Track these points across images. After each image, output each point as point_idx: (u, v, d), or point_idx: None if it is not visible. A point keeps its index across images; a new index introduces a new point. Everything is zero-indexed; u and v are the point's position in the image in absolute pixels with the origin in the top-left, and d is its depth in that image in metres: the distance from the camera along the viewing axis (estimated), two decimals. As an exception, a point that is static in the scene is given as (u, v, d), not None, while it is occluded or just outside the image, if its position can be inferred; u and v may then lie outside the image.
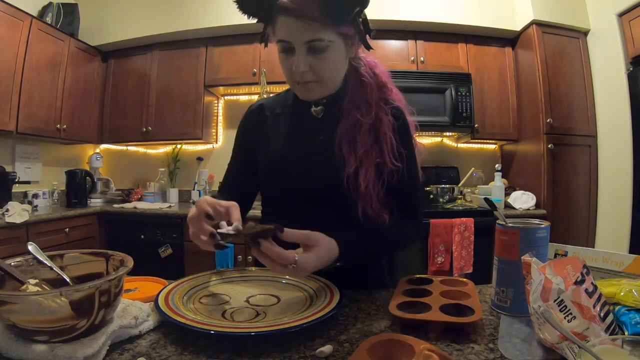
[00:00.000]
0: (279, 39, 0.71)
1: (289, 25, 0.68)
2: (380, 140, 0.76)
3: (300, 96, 0.79)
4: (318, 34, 0.68)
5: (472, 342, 0.53)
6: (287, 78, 0.76)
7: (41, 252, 0.59)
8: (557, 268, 0.51)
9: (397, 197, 0.80)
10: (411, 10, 2.61)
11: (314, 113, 0.82)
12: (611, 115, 2.38)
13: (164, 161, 3.17)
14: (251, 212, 0.98)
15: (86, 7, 2.90)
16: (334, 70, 0.75)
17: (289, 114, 0.85)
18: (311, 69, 0.71)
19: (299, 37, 0.68)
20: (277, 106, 0.87)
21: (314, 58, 0.70)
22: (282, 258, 0.58)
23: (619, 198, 2.28)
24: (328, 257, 0.64)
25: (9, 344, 0.46)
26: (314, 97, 0.78)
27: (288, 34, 0.69)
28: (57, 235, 2.30)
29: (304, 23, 0.67)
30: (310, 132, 0.81)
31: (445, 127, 2.62)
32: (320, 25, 0.67)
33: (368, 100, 0.78)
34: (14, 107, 2.27)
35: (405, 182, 0.79)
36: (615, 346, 0.39)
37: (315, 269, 0.63)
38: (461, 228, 2.21)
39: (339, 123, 0.78)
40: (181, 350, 0.51)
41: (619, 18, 2.25)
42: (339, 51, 0.72)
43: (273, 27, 0.72)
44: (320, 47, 0.69)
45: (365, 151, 0.75)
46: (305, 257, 0.60)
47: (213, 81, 2.84)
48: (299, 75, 0.72)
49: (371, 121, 0.76)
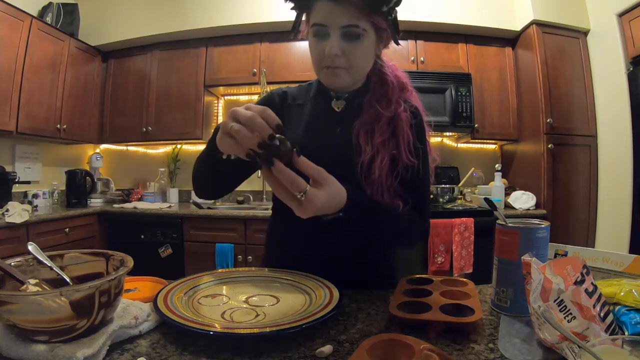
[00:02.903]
0: (315, 22, 0.73)
1: (327, 9, 0.70)
2: (398, 135, 0.77)
3: (325, 82, 0.80)
4: (355, 20, 0.70)
5: (472, 342, 0.53)
6: (316, 63, 0.77)
7: (41, 252, 0.59)
8: (557, 268, 0.51)
9: (410, 193, 0.79)
10: (411, 10, 2.60)
11: (335, 107, 0.83)
12: (611, 115, 2.38)
13: (164, 161, 3.17)
14: (250, 212, 0.98)
15: (86, 7, 2.90)
16: (363, 60, 0.77)
17: (310, 106, 0.86)
18: (343, 54, 0.73)
19: (336, 21, 0.71)
20: (300, 97, 0.88)
21: (347, 44, 0.72)
22: (294, 183, 0.54)
23: (619, 198, 2.28)
24: (336, 201, 0.62)
25: (9, 344, 0.46)
26: (340, 84, 0.79)
27: (325, 18, 0.71)
28: (57, 235, 2.30)
29: (343, 8, 0.69)
30: (330, 125, 0.82)
31: (445, 127, 2.62)
32: (358, 11, 0.70)
33: (389, 98, 0.80)
34: (14, 107, 2.27)
35: (419, 179, 0.80)
36: (615, 346, 0.39)
37: (322, 209, 0.59)
38: (461, 228, 2.21)
39: (357, 117, 0.80)
40: (181, 350, 0.51)
41: (619, 18, 2.25)
42: (370, 42, 0.75)
43: (309, 12, 0.75)
44: (355, 33, 0.71)
45: (382, 141, 0.76)
46: (316, 191, 0.57)
47: (213, 81, 2.84)
48: (330, 58, 0.73)
49: (390, 115, 0.78)
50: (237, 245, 2.39)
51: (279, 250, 0.91)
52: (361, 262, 0.83)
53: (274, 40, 2.76)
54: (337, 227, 0.79)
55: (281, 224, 0.91)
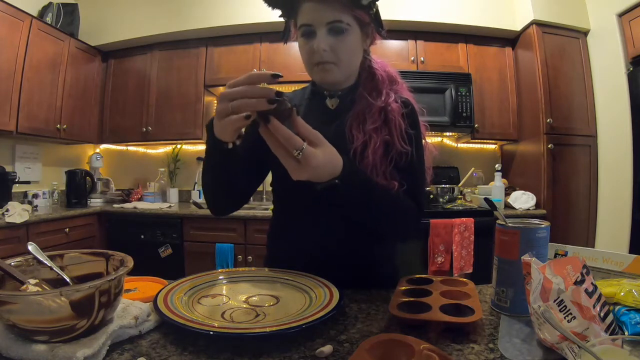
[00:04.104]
0: (302, 23, 0.77)
1: (312, 8, 0.75)
2: (389, 122, 0.80)
3: (317, 79, 0.83)
4: (338, 15, 0.75)
5: (472, 342, 0.53)
6: (307, 61, 0.80)
7: (41, 252, 0.59)
8: (557, 268, 0.51)
9: (404, 177, 0.79)
10: (411, 10, 2.61)
11: (329, 104, 0.86)
12: (611, 115, 2.39)
13: (164, 161, 3.17)
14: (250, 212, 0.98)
15: (86, 7, 2.90)
16: (351, 53, 0.79)
17: (306, 107, 0.88)
18: (331, 50, 0.76)
19: (321, 18, 0.75)
20: (295, 100, 0.90)
21: (334, 39, 0.76)
22: (290, 140, 0.55)
23: (619, 198, 2.28)
24: (332, 164, 0.62)
25: (9, 344, 0.46)
26: (331, 79, 0.81)
27: (311, 18, 0.75)
28: (57, 235, 2.30)
29: (327, 5, 0.74)
30: (325, 122, 0.83)
31: (445, 127, 2.62)
32: (341, 7, 0.74)
33: (379, 89, 0.83)
34: (14, 107, 2.27)
35: (413, 163, 0.81)
36: (615, 346, 0.39)
37: (318, 169, 0.59)
38: (461, 228, 2.21)
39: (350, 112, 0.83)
40: (181, 350, 0.51)
41: (619, 18, 2.25)
42: (355, 36, 0.79)
43: (296, 16, 0.79)
44: (340, 28, 0.75)
45: (374, 128, 0.79)
46: (313, 150, 0.58)
47: (213, 81, 2.84)
48: (319, 55, 0.76)
49: (382, 105, 0.81)
50: (237, 245, 2.39)
51: (280, 250, 0.92)
52: (361, 262, 0.83)
53: (274, 40, 2.75)
54: (337, 227, 0.79)
55: (282, 224, 0.92)
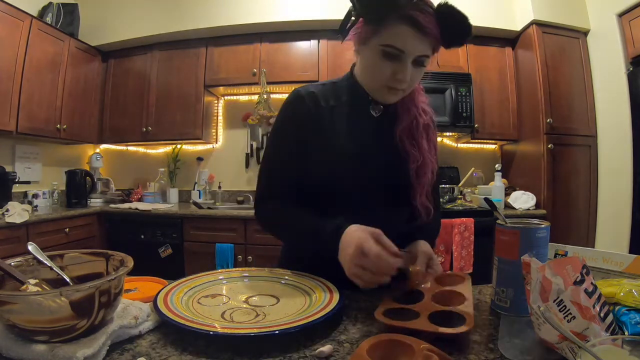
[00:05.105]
0: (390, 44, 0.73)
1: (409, 36, 0.71)
2: (430, 141, 0.87)
3: (381, 99, 0.83)
4: (428, 51, 0.75)
5: (472, 342, 0.53)
6: (377, 80, 0.79)
7: (41, 252, 0.59)
8: (557, 268, 0.51)
9: (434, 191, 0.90)
10: (411, 10, 2.60)
11: (373, 112, 0.86)
12: (611, 115, 2.38)
13: (164, 161, 3.17)
14: (250, 212, 1.00)
15: (86, 7, 2.90)
16: (418, 82, 0.83)
17: (346, 109, 0.86)
18: (410, 79, 0.77)
19: (414, 49, 0.73)
20: (329, 97, 0.86)
21: (414, 70, 0.76)
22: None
23: (619, 198, 2.28)
24: None
25: (9, 344, 0.46)
26: (393, 101, 0.83)
27: (405, 44, 0.72)
28: (57, 235, 2.30)
29: (424, 38, 0.72)
30: (370, 130, 0.85)
31: (445, 127, 2.62)
32: (434, 42, 0.74)
33: (416, 103, 0.87)
34: (14, 107, 2.27)
35: (436, 182, 0.89)
36: (615, 346, 0.39)
37: None
38: (461, 228, 2.21)
39: (393, 122, 0.85)
40: (181, 351, 0.51)
41: (619, 18, 2.25)
42: None
43: (380, 30, 0.73)
44: (424, 62, 0.76)
45: (425, 147, 0.85)
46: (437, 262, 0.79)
47: (213, 81, 2.84)
48: (399, 82, 0.76)
49: (425, 122, 0.86)
50: (237, 245, 2.39)
51: (289, 251, 0.97)
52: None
53: (274, 40, 2.75)
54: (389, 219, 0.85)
55: None
